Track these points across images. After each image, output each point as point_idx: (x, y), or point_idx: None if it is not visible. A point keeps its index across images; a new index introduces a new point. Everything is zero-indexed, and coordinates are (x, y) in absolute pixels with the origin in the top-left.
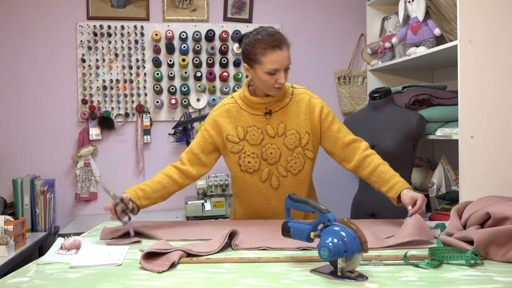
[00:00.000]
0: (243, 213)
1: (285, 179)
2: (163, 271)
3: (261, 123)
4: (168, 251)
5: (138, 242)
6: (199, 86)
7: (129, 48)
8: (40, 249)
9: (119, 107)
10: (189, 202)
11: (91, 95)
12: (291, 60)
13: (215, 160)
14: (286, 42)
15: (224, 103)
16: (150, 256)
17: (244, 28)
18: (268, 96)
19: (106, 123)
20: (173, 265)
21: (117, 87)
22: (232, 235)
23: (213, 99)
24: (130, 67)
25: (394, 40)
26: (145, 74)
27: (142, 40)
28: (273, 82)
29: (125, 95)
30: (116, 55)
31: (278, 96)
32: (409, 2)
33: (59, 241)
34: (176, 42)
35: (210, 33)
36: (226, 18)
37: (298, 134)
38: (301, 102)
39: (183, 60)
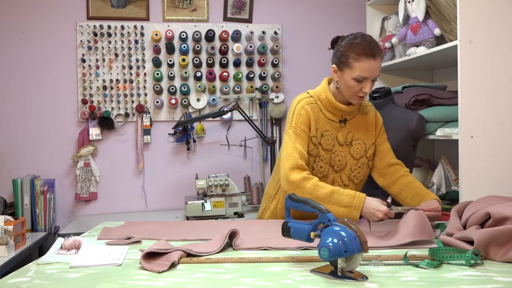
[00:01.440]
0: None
1: (346, 187)
2: (163, 271)
3: (334, 129)
4: (168, 251)
5: (138, 242)
6: (199, 86)
7: (129, 48)
8: (40, 249)
9: (119, 107)
10: (189, 202)
11: (91, 95)
12: (380, 72)
13: None
14: (380, 53)
15: (307, 101)
16: (150, 256)
17: (244, 28)
18: (351, 105)
19: (106, 123)
20: (173, 265)
21: (117, 87)
22: (232, 235)
23: (213, 99)
24: (130, 67)
25: (394, 40)
26: (145, 74)
27: (142, 40)
28: (358, 90)
29: (125, 95)
30: (116, 55)
31: (357, 107)
32: (409, 2)
33: (59, 241)
34: (176, 42)
35: (210, 33)
36: (226, 18)
37: (364, 145)
38: (369, 114)
39: (183, 60)
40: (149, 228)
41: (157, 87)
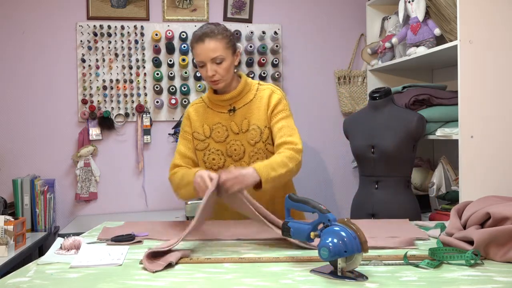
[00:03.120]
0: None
1: None
2: (156, 271)
3: (226, 120)
4: (168, 247)
5: (139, 242)
6: (199, 86)
7: (129, 48)
8: (40, 249)
9: (119, 107)
10: (189, 202)
11: (91, 95)
12: (221, 53)
13: None
14: (211, 35)
15: (193, 103)
16: (153, 255)
17: (244, 28)
18: (228, 93)
19: (106, 123)
20: (170, 266)
21: (117, 87)
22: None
23: None
24: (130, 67)
25: (394, 40)
26: (145, 74)
27: (142, 40)
28: (205, 75)
29: (125, 95)
30: (116, 55)
31: (241, 93)
32: (409, 2)
33: (59, 241)
34: (176, 42)
35: None
36: (226, 18)
37: (259, 129)
38: (263, 97)
39: (183, 60)
40: (149, 228)
41: (157, 87)
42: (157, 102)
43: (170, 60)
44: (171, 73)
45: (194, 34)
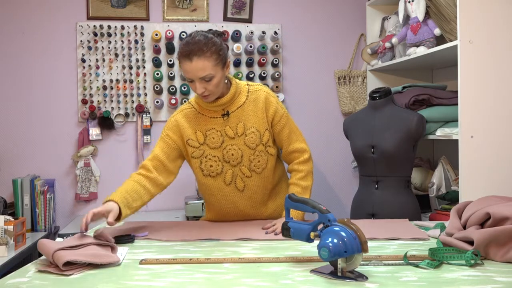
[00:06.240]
0: (212, 217)
1: (250, 179)
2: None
3: (220, 125)
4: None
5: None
6: None
7: (129, 48)
8: None
9: (119, 107)
10: (189, 202)
11: (91, 95)
12: (210, 71)
13: (179, 167)
14: (199, 53)
15: (182, 109)
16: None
17: (244, 28)
18: (221, 99)
19: (106, 123)
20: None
21: (117, 87)
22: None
23: None
24: (130, 67)
25: (394, 40)
26: (145, 74)
27: (142, 40)
28: (195, 91)
29: (125, 95)
30: (116, 55)
31: (233, 97)
32: (409, 2)
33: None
34: (176, 42)
35: None
36: (226, 18)
37: (259, 132)
38: (258, 99)
39: None
40: (149, 228)
41: (157, 87)
42: (157, 102)
43: (170, 60)
44: (171, 73)
45: (181, 50)
